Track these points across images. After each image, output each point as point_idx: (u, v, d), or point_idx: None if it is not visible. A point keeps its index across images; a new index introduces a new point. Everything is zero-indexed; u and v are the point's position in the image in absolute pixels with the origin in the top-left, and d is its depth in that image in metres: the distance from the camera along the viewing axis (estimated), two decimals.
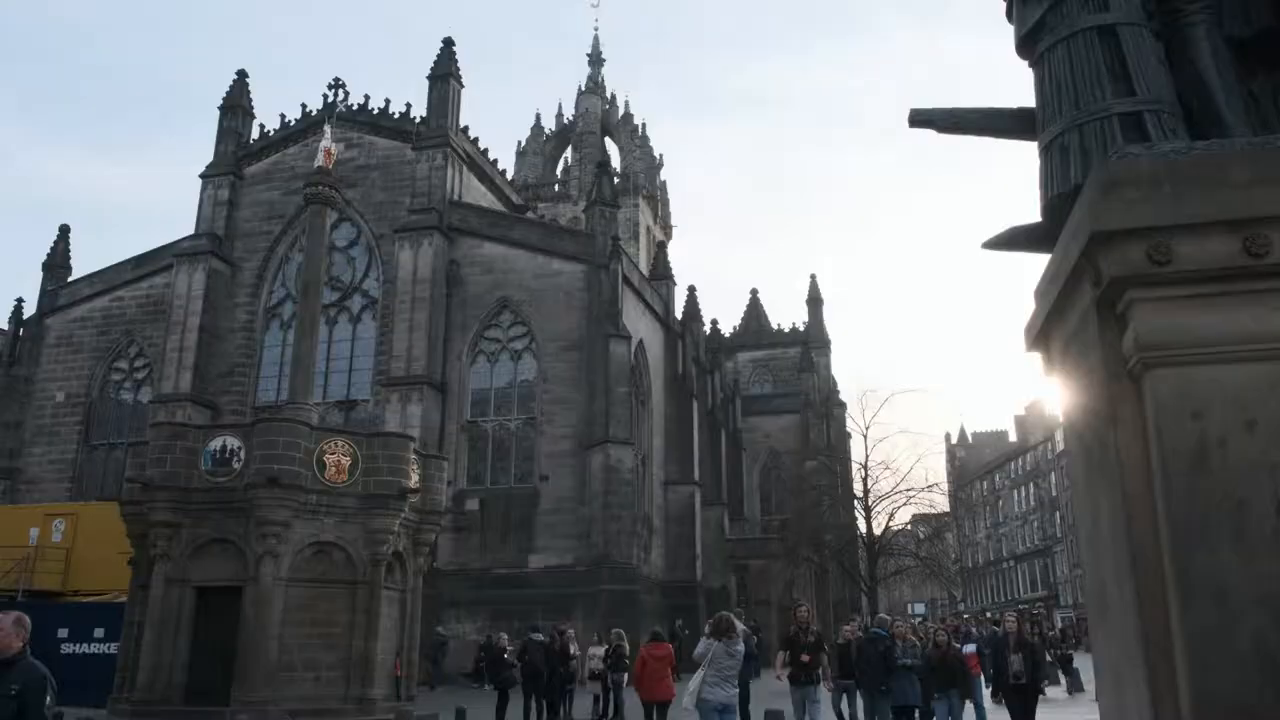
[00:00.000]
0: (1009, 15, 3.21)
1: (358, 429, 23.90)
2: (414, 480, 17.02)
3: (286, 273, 35.71)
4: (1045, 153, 2.97)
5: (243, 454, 15.83)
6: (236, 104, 38.35)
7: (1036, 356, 3.10)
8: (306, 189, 19.37)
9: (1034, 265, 3.00)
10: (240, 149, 37.59)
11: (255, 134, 38.27)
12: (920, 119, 3.35)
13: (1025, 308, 3.05)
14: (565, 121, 65.43)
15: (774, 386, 59.17)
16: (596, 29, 71.86)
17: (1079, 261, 2.42)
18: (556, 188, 61.15)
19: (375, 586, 16.05)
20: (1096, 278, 2.35)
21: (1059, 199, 2.83)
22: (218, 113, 38.33)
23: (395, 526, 16.52)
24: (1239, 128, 2.81)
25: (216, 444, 16.09)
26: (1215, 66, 2.89)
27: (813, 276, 62.53)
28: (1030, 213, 3.21)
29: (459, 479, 31.25)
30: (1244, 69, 3.04)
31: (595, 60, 67.16)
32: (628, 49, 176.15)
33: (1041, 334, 2.94)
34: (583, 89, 64.91)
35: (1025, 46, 3.11)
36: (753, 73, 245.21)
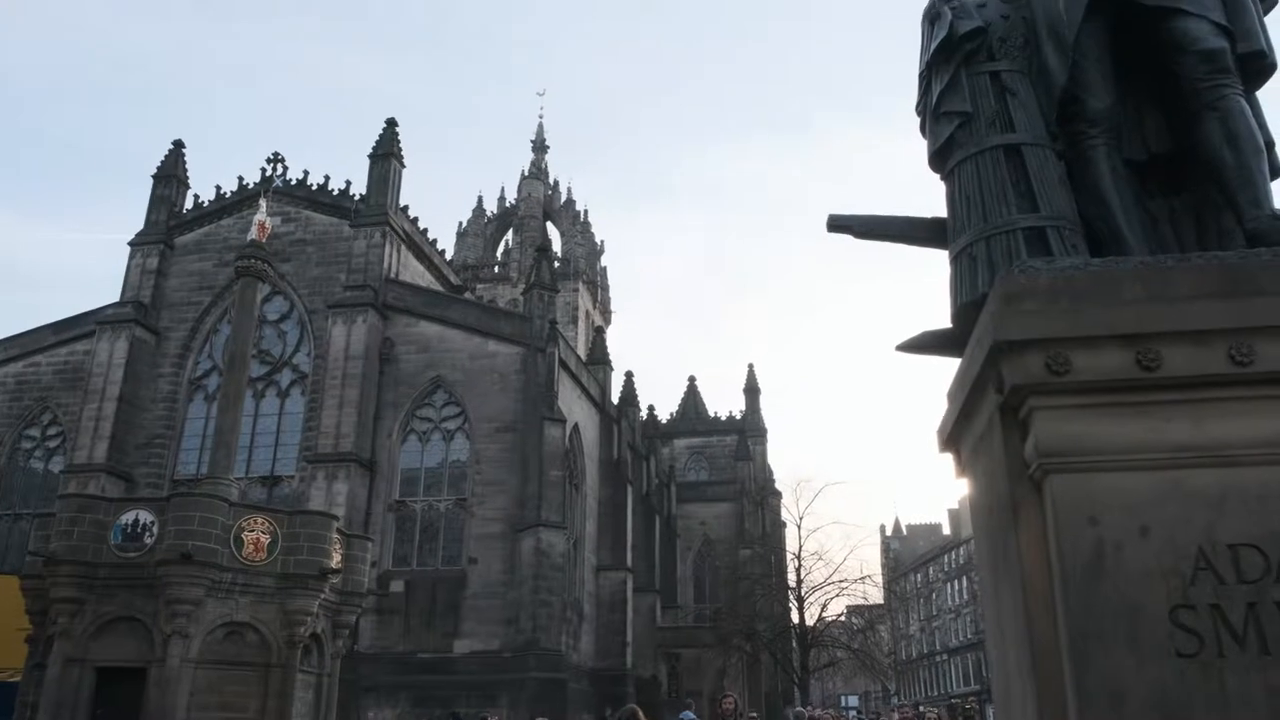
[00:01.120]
0: (922, 130, 3.38)
1: (280, 506, 23.29)
2: (336, 560, 16.61)
3: (214, 344, 34.97)
4: (955, 262, 3.11)
5: (156, 529, 15.30)
6: (171, 173, 37.96)
7: (949, 457, 3.17)
8: (238, 261, 19.19)
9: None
10: (173, 218, 37.07)
11: (189, 204, 37.85)
12: (838, 224, 3.48)
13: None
14: (507, 205, 66.01)
15: (710, 474, 59.17)
16: (541, 116, 72.91)
17: (984, 368, 2.51)
18: (496, 269, 61.33)
19: (290, 670, 15.47)
20: (999, 385, 2.44)
21: (968, 306, 2.95)
22: (151, 181, 37.94)
23: (314, 608, 16.03)
24: (1138, 246, 2.98)
25: (128, 518, 15.54)
26: (1115, 187, 3.07)
27: (750, 366, 62.98)
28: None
29: (384, 559, 30.47)
30: (1143, 190, 3.23)
31: (539, 147, 68.20)
32: (572, 137, 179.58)
33: (952, 436, 3.02)
34: (525, 174, 65.72)
35: (937, 161, 3.28)
36: (695, 164, 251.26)
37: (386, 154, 35.96)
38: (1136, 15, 3.09)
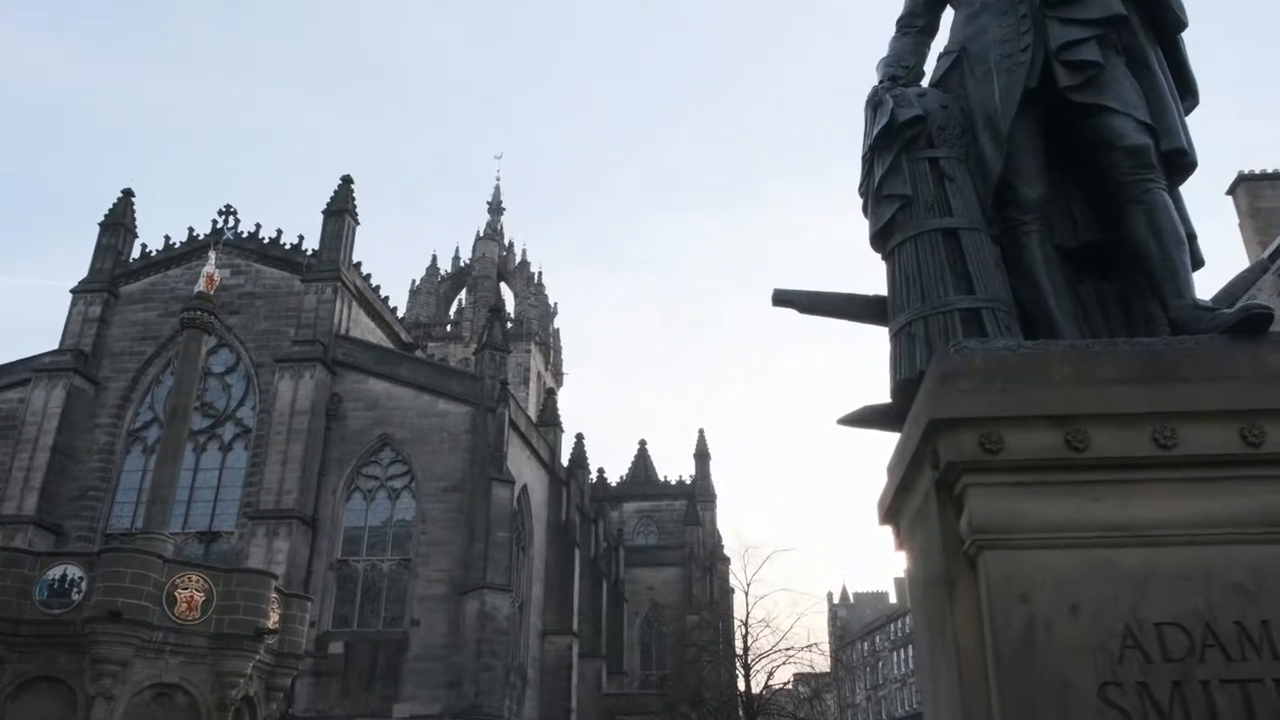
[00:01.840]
0: (864, 211, 3.50)
1: (217, 563, 22.64)
2: (273, 620, 16.15)
3: (156, 395, 34.20)
4: (895, 339, 3.19)
5: (84, 585, 14.77)
6: (119, 222, 37.36)
7: (889, 530, 3.22)
8: (184, 313, 18.96)
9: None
10: (118, 267, 36.41)
11: (137, 253, 37.29)
12: (782, 299, 3.56)
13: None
14: (461, 264, 66.06)
15: (659, 538, 58.82)
16: (498, 179, 73.92)
17: (920, 444, 2.57)
18: (449, 328, 61.07)
19: None
20: (935, 461, 2.50)
21: (906, 383, 3.03)
22: (98, 229, 37.38)
23: (248, 669, 15.53)
24: (1069, 329, 3.09)
25: (56, 573, 15.00)
26: (1047, 272, 3.20)
27: (700, 431, 63.06)
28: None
29: (324, 620, 29.67)
30: (1074, 275, 3.36)
31: (495, 209, 68.61)
32: (528, 200, 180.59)
33: (892, 509, 3.08)
34: (481, 234, 65.94)
35: (878, 241, 3.39)
36: (649, 229, 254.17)
37: (341, 210, 35.90)
38: (1067, 110, 3.25)
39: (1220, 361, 2.52)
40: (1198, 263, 3.18)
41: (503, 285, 64.23)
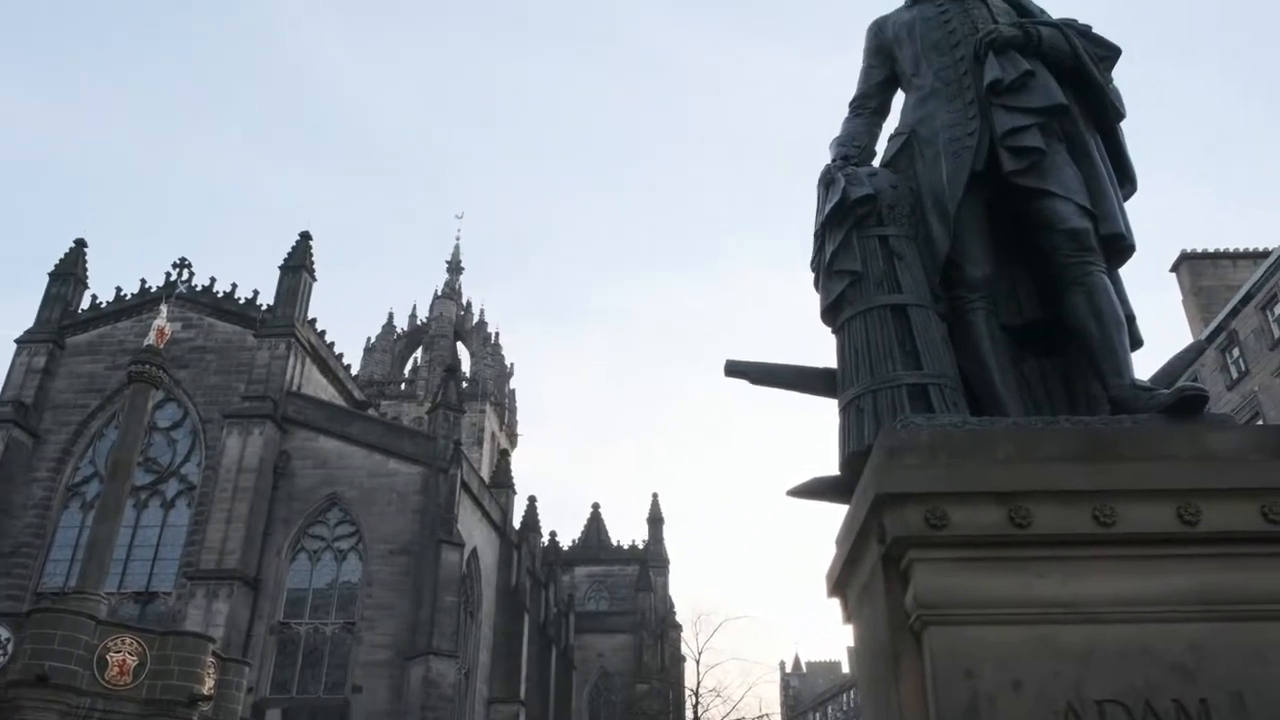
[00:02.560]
0: (815, 285, 3.57)
1: (153, 625, 21.91)
2: (208, 686, 15.66)
3: (98, 449, 33.34)
4: (844, 412, 3.23)
5: (11, 646, 14.24)
6: (69, 271, 36.82)
7: (836, 602, 3.22)
8: (131, 366, 18.64)
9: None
10: (66, 318, 35.80)
11: (86, 304, 36.71)
12: (735, 370, 3.60)
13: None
14: (419, 322, 65.88)
15: (610, 603, 58.15)
16: (458, 239, 73.61)
17: (868, 518, 2.59)
18: (403, 387, 60.62)
19: None
20: (882, 535, 2.51)
21: (855, 456, 3.05)
22: (47, 279, 36.76)
23: None
24: (1013, 405, 3.15)
25: None
26: (993, 349, 3.28)
27: (654, 496, 62.75)
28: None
29: (262, 685, 28.73)
30: (1019, 353, 3.44)
31: (454, 268, 68.74)
32: (487, 259, 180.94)
33: (839, 581, 3.08)
34: (439, 293, 65.92)
35: (829, 315, 3.45)
36: (608, 293, 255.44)
37: (299, 265, 35.72)
38: (1011, 194, 3.37)
39: (1157, 441, 2.58)
40: (1137, 343, 3.28)
41: (459, 345, 64.06)
